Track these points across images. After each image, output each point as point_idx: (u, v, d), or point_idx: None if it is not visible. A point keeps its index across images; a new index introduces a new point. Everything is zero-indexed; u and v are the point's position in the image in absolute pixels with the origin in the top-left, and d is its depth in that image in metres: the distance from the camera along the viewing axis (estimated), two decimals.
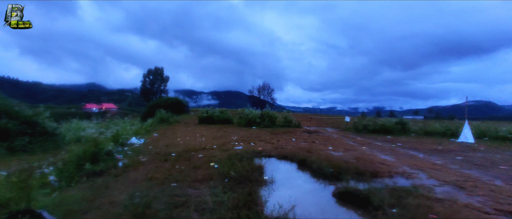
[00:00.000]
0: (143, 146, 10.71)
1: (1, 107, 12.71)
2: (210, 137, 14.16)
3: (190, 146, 10.64)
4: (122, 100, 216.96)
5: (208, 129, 19.57)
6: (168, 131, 18.59)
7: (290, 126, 21.90)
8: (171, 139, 13.75)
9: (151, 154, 8.75)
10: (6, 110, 12.79)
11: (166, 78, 71.00)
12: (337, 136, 15.53)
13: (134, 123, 17.16)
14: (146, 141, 12.58)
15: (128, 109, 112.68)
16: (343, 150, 10.14)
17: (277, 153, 8.93)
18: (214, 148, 10.16)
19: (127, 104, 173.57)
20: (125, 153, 8.76)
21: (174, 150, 9.57)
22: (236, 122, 23.76)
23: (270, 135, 15.59)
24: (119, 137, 9.58)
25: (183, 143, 11.94)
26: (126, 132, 12.06)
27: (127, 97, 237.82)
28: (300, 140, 13.01)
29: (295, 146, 10.76)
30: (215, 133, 16.29)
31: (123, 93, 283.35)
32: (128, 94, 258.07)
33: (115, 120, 20.72)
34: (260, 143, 11.86)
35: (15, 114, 12.94)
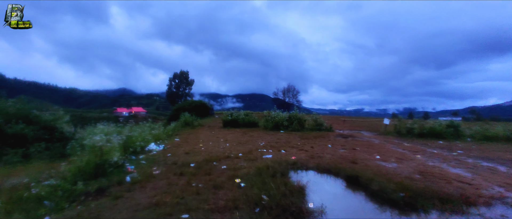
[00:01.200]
0: (161, 154, 9.57)
1: (20, 112, 12.20)
2: (235, 143, 12.82)
3: (212, 154, 9.35)
4: (151, 104, 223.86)
5: (232, 133, 18.30)
6: (191, 135, 17.54)
7: (321, 130, 20.08)
8: (193, 144, 12.57)
9: (167, 164, 7.52)
10: (26, 115, 12.27)
11: (191, 82, 71.37)
12: (378, 142, 13.59)
13: (154, 128, 16.28)
14: (166, 148, 11.48)
15: (156, 113, 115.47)
16: (396, 160, 8.34)
17: (316, 165, 7.35)
18: (240, 156, 8.78)
19: (155, 108, 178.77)
20: (138, 162, 7.60)
21: (194, 159, 8.30)
22: (262, 125, 22.32)
23: (301, 140, 13.97)
24: (132, 144, 8.47)
25: (205, 149, 10.69)
26: (142, 137, 11.01)
27: (155, 101, 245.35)
28: (337, 147, 11.30)
29: (334, 155, 9.10)
30: (240, 138, 14.95)
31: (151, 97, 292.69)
32: (156, 98, 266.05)
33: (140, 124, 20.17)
34: (292, 150, 10.32)
35: (35, 119, 12.39)
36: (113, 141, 7.55)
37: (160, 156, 8.88)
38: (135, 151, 8.54)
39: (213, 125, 25.51)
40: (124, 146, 7.94)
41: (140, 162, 7.60)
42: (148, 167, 7.03)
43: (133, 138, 8.68)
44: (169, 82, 70.12)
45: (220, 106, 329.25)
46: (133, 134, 10.26)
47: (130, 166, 7.01)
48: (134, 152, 8.49)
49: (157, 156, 8.82)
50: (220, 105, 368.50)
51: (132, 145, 8.43)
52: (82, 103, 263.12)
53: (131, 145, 8.34)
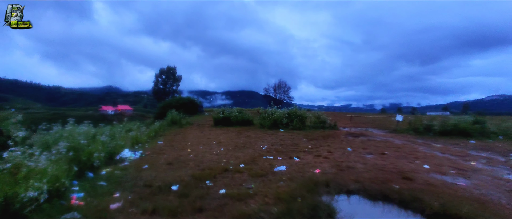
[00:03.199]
0: (134, 166, 7.14)
1: None
2: (231, 146, 10.48)
3: (204, 165, 7.01)
4: (138, 101, 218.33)
5: (225, 132, 15.92)
6: (177, 136, 15.06)
7: (325, 128, 17.95)
8: (179, 149, 10.16)
9: (136, 187, 5.11)
10: None
11: (178, 78, 68.19)
12: (400, 142, 11.50)
13: (132, 128, 13.74)
14: (144, 155, 9.02)
15: (143, 111, 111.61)
16: (457, 172, 6.19)
17: (358, 185, 5.07)
18: (241, 169, 6.46)
19: (142, 105, 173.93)
20: (94, 185, 5.16)
21: (177, 175, 5.94)
22: (258, 123, 20.04)
23: (309, 141, 11.76)
24: (89, 156, 5.97)
25: (194, 157, 8.31)
26: (114, 142, 8.52)
27: (143, 98, 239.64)
28: (359, 150, 9.13)
29: (367, 164, 6.91)
30: (235, 139, 12.61)
31: (139, 95, 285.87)
32: (143, 96, 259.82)
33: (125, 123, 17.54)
34: (306, 157, 8.07)
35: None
36: (59, 152, 5.10)
37: (131, 171, 6.46)
38: (92, 167, 6.06)
39: (203, 123, 23.06)
40: (74, 160, 5.47)
41: (96, 184, 5.17)
42: (105, 195, 4.61)
43: (90, 147, 6.16)
44: (156, 78, 66.80)
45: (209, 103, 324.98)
46: (100, 138, 7.76)
47: (79, 193, 4.58)
48: (91, 167, 6.01)
49: (126, 172, 6.39)
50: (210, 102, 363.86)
51: (89, 156, 5.94)
52: (67, 102, 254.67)
53: (87, 156, 5.86)
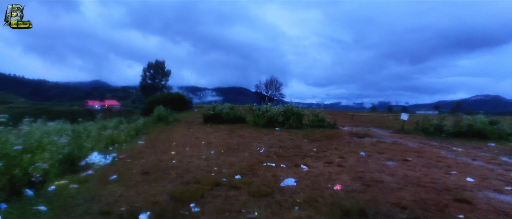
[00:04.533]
0: (99, 176, 5.56)
1: None
2: (223, 148, 8.98)
3: (188, 176, 5.50)
4: (127, 97, 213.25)
5: (216, 131, 14.39)
6: (162, 135, 13.45)
7: (324, 127, 16.62)
8: (161, 151, 8.61)
9: (85, 216, 3.57)
10: None
11: (167, 72, 65.64)
12: (415, 145, 10.22)
13: (107, 126, 12.05)
14: (116, 160, 7.44)
15: (131, 106, 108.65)
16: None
17: (406, 212, 3.65)
18: (238, 182, 4.98)
19: (131, 101, 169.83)
20: (24, 210, 3.59)
21: (152, 193, 4.41)
22: (251, 121, 18.57)
23: (311, 142, 10.37)
24: (26, 166, 4.34)
25: (177, 163, 6.79)
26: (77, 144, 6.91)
27: (131, 94, 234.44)
28: (375, 155, 7.77)
29: (395, 175, 5.53)
30: (228, 139, 11.10)
31: (128, 90, 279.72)
32: (132, 91, 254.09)
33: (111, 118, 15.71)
34: (315, 163, 6.65)
35: None
36: None
37: (91, 186, 4.88)
38: (32, 182, 4.43)
39: (191, 120, 21.44)
40: (4, 174, 3.87)
41: (31, 210, 3.60)
42: None
43: (28, 155, 4.45)
44: (143, 72, 64.08)
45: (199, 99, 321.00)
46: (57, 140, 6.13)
47: None
48: (32, 183, 4.39)
49: (84, 187, 4.81)
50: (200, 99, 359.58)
51: (25, 169, 4.28)
52: (52, 96, 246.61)
53: (23, 169, 4.21)
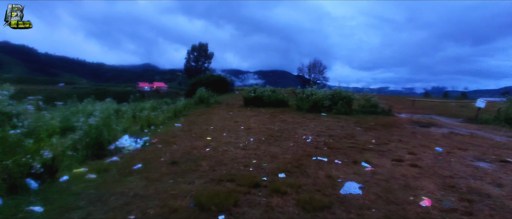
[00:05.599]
0: (121, 165, 4.86)
1: None
2: (263, 135, 7.93)
3: (221, 170, 4.54)
4: (173, 79, 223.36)
5: (256, 115, 13.40)
6: (201, 117, 12.86)
7: (377, 113, 14.70)
8: (197, 136, 7.85)
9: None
10: None
11: (210, 55, 66.17)
12: (503, 139, 8.13)
13: (144, 107, 11.71)
14: (147, 144, 6.80)
15: (177, 88, 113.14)
16: None
17: None
18: (282, 183, 3.85)
19: (177, 83, 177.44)
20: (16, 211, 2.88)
21: (174, 194, 3.50)
22: (294, 105, 17.25)
23: (366, 131, 8.84)
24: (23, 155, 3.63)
25: (211, 152, 5.90)
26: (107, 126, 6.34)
27: (178, 76, 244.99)
28: (456, 152, 6.07)
29: (502, 185, 3.95)
30: (269, 125, 10.02)
31: (174, 72, 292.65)
32: (178, 74, 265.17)
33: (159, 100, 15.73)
34: (379, 159, 5.26)
35: None
36: None
37: (110, 178, 4.15)
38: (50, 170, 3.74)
39: (232, 102, 20.76)
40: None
41: (23, 209, 2.88)
42: None
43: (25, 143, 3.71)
44: (188, 55, 65.46)
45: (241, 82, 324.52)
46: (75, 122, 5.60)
47: None
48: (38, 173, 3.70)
49: (101, 179, 4.09)
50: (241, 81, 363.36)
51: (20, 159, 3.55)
52: (109, 78, 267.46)
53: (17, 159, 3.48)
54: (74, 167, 4.71)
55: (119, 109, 12.03)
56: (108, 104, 13.46)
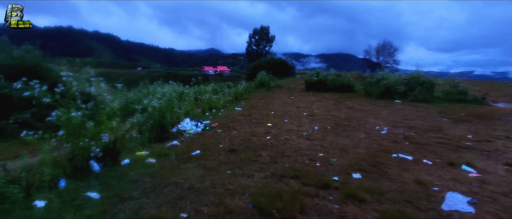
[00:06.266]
0: (181, 150, 4.73)
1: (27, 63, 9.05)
2: (329, 123, 7.17)
3: (284, 163, 4.02)
4: (235, 63, 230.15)
5: (320, 100, 12.52)
6: (262, 101, 12.56)
7: (466, 101, 12.42)
8: (257, 121, 7.49)
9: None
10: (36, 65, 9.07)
11: (271, 38, 65.49)
12: None
13: (206, 90, 11.79)
14: (207, 128, 6.68)
15: (239, 72, 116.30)
16: None
17: None
18: (358, 185, 3.16)
19: (239, 67, 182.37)
20: (72, 196, 2.81)
21: (233, 188, 3.12)
22: (362, 90, 15.74)
23: (457, 124, 7.34)
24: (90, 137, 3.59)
25: (273, 140, 5.43)
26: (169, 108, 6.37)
27: (240, 60, 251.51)
28: None
29: None
30: (334, 111, 9.13)
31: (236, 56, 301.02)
32: (240, 58, 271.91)
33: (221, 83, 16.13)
34: (483, 162, 4.10)
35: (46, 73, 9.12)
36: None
37: (168, 163, 4.00)
38: (112, 153, 3.69)
39: (293, 87, 20.01)
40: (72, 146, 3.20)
41: (78, 196, 2.80)
42: None
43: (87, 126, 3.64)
44: (249, 39, 65.92)
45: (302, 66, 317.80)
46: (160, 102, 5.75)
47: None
48: (112, 154, 3.65)
49: (160, 164, 3.96)
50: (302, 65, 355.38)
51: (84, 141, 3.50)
52: (179, 62, 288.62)
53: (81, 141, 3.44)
54: (136, 150, 4.72)
55: (182, 92, 12.42)
56: (175, 86, 14.08)
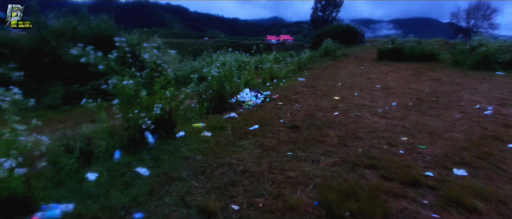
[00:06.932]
0: (238, 123, 4.37)
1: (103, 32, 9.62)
2: (410, 99, 6.02)
3: (358, 146, 3.35)
4: (299, 32, 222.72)
5: (395, 71, 10.95)
6: (327, 71, 11.59)
7: None
8: (322, 94, 6.76)
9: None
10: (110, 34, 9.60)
11: (339, 3, 60.11)
12: None
13: (267, 59, 11.18)
14: (266, 101, 6.22)
15: (303, 41, 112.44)
16: None
17: None
18: (462, 184, 2.35)
19: (302, 35, 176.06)
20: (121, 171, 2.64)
21: (294, 176, 2.62)
22: (449, 59, 13.29)
23: None
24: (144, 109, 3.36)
25: (341, 116, 4.71)
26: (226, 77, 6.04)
27: (303, 29, 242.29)
28: None
29: None
30: (415, 85, 7.75)
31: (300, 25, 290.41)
32: (304, 26, 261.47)
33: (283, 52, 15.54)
34: None
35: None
36: None
37: (223, 139, 3.67)
38: (167, 124, 3.48)
39: (362, 56, 18.13)
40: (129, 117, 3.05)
41: (129, 170, 2.62)
42: None
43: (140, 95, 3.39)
44: (315, 4, 61.73)
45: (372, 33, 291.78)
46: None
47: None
48: (166, 125, 3.45)
49: (214, 139, 3.66)
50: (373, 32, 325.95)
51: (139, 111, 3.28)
52: (242, 32, 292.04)
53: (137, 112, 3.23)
54: (194, 121, 4.54)
55: (243, 61, 12.10)
56: (236, 55, 13.85)
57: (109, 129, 3.13)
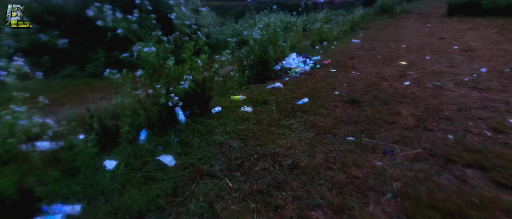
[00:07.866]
0: (283, 96, 3.68)
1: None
2: (503, 63, 4.66)
3: (444, 130, 2.46)
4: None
5: (473, 28, 9.06)
6: (386, 31, 10.08)
7: None
8: (384, 58, 5.69)
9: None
10: None
11: None
12: None
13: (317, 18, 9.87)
14: (316, 68, 5.36)
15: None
16: None
17: None
18: None
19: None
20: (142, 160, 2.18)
21: (367, 173, 1.90)
22: None
23: None
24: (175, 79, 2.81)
25: (414, 87, 3.74)
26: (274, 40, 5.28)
27: None
28: None
29: None
30: (504, 44, 6.14)
31: None
32: None
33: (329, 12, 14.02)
34: None
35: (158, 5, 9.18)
36: None
37: (265, 115, 3.04)
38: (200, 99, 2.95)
39: (427, 12, 15.59)
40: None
41: (153, 159, 2.15)
42: None
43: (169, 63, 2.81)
44: None
45: None
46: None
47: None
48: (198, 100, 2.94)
49: (256, 114, 3.05)
50: None
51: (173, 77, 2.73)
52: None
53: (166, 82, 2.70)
54: (233, 92, 3.96)
55: (289, 21, 10.96)
56: (281, 16, 12.69)
57: (134, 105, 2.69)
